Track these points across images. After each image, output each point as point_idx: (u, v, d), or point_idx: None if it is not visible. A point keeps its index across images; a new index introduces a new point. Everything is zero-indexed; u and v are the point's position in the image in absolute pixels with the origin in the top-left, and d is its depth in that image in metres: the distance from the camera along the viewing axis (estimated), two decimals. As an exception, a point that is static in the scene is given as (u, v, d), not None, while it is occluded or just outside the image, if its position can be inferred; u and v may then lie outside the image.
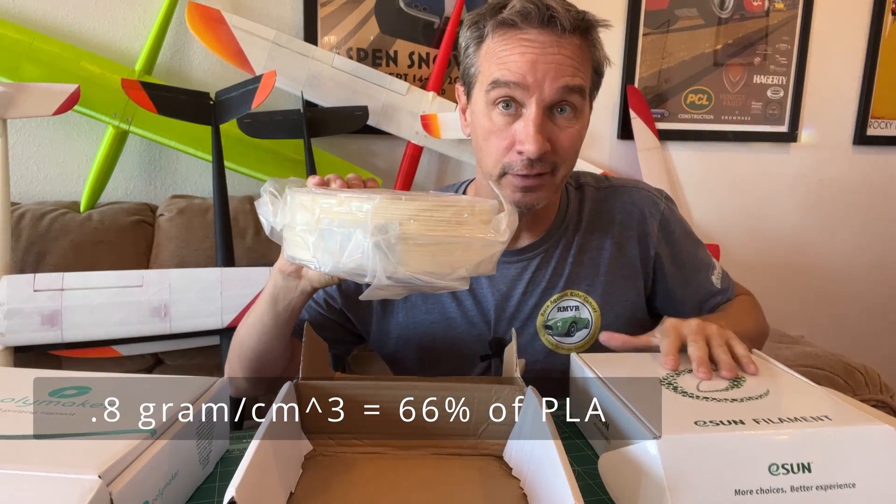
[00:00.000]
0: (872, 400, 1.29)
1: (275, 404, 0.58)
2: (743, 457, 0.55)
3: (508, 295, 0.93)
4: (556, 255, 0.93)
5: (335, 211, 0.57)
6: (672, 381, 0.67)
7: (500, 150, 0.82)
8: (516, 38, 0.79)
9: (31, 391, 0.60)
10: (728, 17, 1.98)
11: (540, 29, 0.78)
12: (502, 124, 0.82)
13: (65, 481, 0.45)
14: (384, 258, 0.55)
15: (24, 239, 1.45)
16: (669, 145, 2.02)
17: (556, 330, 0.93)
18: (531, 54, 0.78)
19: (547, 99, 0.79)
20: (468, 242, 0.58)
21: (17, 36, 1.52)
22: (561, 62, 0.79)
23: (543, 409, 0.58)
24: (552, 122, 0.81)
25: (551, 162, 0.82)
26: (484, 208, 0.60)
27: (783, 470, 0.55)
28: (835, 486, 0.55)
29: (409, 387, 0.65)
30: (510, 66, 0.79)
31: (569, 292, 0.93)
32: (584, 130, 0.85)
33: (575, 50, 0.80)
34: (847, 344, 2.21)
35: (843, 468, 0.55)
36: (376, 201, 0.56)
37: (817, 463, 0.55)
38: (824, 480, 0.55)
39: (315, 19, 1.73)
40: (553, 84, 0.79)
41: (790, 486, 0.55)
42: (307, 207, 0.59)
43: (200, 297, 1.39)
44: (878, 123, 2.13)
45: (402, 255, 0.56)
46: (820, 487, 0.55)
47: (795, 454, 0.55)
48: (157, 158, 1.72)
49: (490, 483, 0.60)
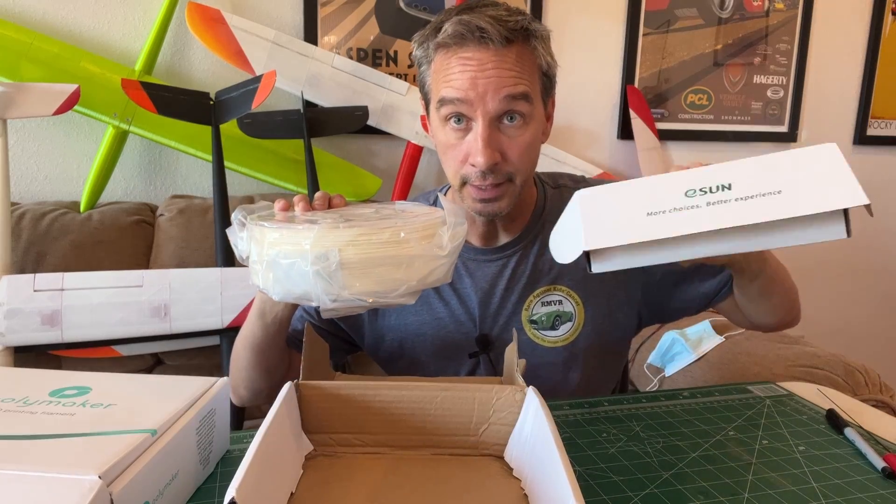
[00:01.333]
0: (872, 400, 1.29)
1: (275, 404, 0.58)
2: (659, 190, 0.59)
3: (491, 292, 0.95)
4: (534, 251, 0.95)
5: (280, 243, 0.61)
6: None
7: (456, 162, 0.86)
8: (456, 57, 0.82)
9: (31, 391, 0.60)
10: (728, 17, 1.98)
11: (476, 47, 0.81)
12: (455, 139, 0.85)
13: (65, 481, 0.45)
14: (326, 284, 0.60)
15: (24, 239, 1.45)
16: (669, 145, 2.02)
17: (541, 324, 0.95)
18: (471, 71, 0.81)
19: (492, 111, 0.82)
20: (409, 260, 0.61)
21: (17, 36, 1.52)
22: (500, 75, 0.81)
23: (544, 409, 0.58)
24: (501, 133, 0.84)
25: (505, 172, 0.85)
26: (428, 223, 0.63)
27: (700, 192, 0.57)
28: (756, 196, 0.55)
29: (409, 387, 0.65)
30: (453, 84, 0.82)
31: (552, 287, 0.95)
32: (537, 134, 0.87)
33: (514, 60, 0.82)
34: (847, 344, 2.21)
35: (768, 180, 0.55)
36: (315, 232, 0.60)
37: (739, 183, 0.56)
38: (745, 193, 0.55)
39: (315, 19, 1.73)
40: (495, 96, 0.81)
41: (706, 202, 0.56)
42: (258, 240, 0.63)
43: (200, 297, 1.39)
44: (878, 123, 2.13)
45: (345, 280, 0.60)
46: (739, 199, 0.55)
47: (715, 179, 0.57)
48: (157, 158, 1.72)
49: (491, 483, 0.60)
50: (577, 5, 1.89)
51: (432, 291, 0.96)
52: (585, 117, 1.96)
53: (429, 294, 0.96)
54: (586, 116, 1.96)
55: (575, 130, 1.95)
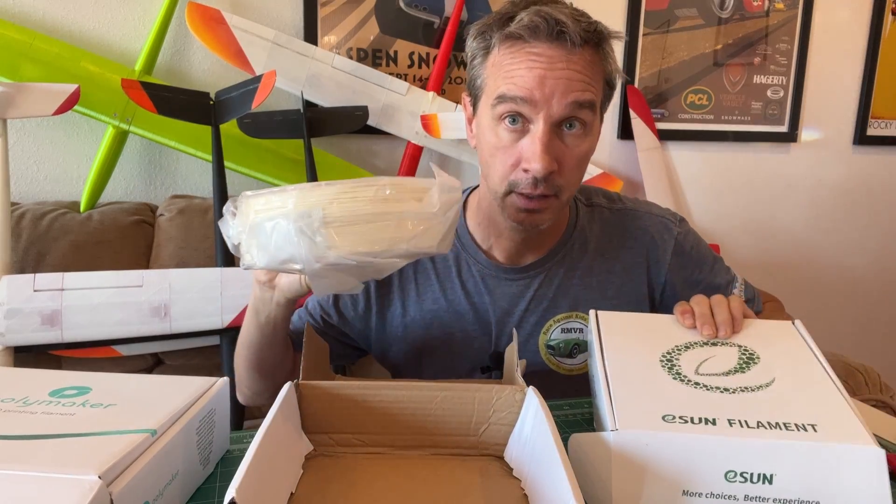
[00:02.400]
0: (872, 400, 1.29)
1: (275, 404, 0.58)
2: (699, 460, 0.54)
3: (510, 311, 0.91)
4: (560, 274, 0.91)
5: (263, 208, 0.59)
6: (673, 359, 0.66)
7: (506, 166, 0.80)
8: (524, 52, 0.76)
9: (30, 391, 0.60)
10: (728, 17, 1.98)
11: (549, 43, 0.75)
12: (508, 141, 0.79)
13: (65, 481, 0.45)
14: (310, 243, 0.56)
15: (24, 239, 1.45)
16: (669, 145, 2.02)
17: (558, 350, 0.92)
18: (539, 69, 0.75)
19: (555, 116, 0.76)
20: (399, 217, 0.58)
21: (17, 36, 1.52)
22: (570, 77, 0.75)
23: (544, 409, 0.58)
24: (560, 140, 0.78)
25: (556, 185, 0.79)
26: (416, 186, 0.60)
27: (741, 478, 0.54)
28: (795, 501, 0.54)
29: (410, 387, 0.65)
30: (517, 81, 0.76)
31: (574, 314, 0.91)
32: (593, 146, 0.82)
33: (585, 64, 0.77)
34: (847, 344, 2.21)
35: (810, 483, 0.54)
36: (297, 191, 0.57)
37: (781, 475, 0.54)
38: (785, 494, 0.54)
39: (315, 19, 1.73)
40: (562, 100, 0.76)
41: (745, 494, 0.54)
42: (244, 213, 0.61)
43: (200, 297, 1.39)
44: (878, 123, 2.13)
45: (330, 239, 0.57)
46: (777, 501, 0.54)
47: (758, 464, 0.54)
48: (157, 158, 1.71)
49: (491, 483, 0.60)
50: (576, 5, 1.89)
51: (446, 304, 0.91)
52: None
53: (442, 307, 0.92)
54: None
55: (575, 130, 1.95)
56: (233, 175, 1.63)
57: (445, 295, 0.92)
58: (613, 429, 0.56)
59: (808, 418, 0.57)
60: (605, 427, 0.57)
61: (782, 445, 0.54)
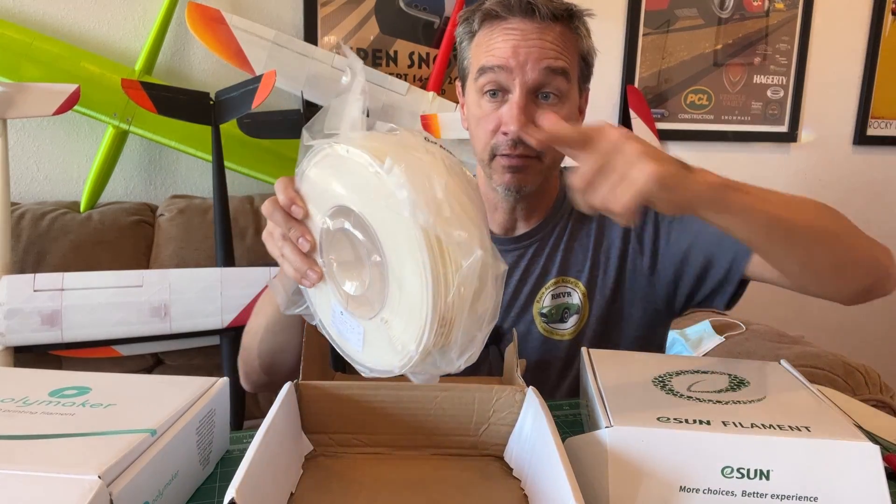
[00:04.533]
0: (872, 400, 1.29)
1: (275, 404, 0.58)
2: (695, 456, 0.55)
3: (506, 283, 0.92)
4: (550, 243, 0.95)
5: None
6: (665, 381, 0.67)
7: (487, 133, 0.87)
8: (500, 28, 0.84)
9: (30, 391, 0.60)
10: (728, 17, 1.98)
11: (522, 17, 0.83)
12: (490, 110, 0.86)
13: (65, 481, 0.45)
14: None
15: (24, 239, 1.45)
16: (669, 145, 2.02)
17: (551, 317, 0.94)
18: (513, 40, 0.83)
19: (530, 81, 0.83)
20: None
21: (17, 36, 1.52)
22: (542, 46, 0.83)
23: (544, 409, 0.58)
24: (536, 107, 0.85)
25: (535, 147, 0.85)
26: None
27: (738, 474, 0.54)
28: (793, 497, 0.54)
29: (409, 387, 0.64)
30: (494, 52, 0.84)
31: (562, 279, 0.95)
32: (571, 117, 0.87)
33: (557, 36, 0.84)
34: (847, 344, 2.21)
35: (806, 480, 0.54)
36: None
37: (778, 471, 0.54)
38: (782, 490, 0.54)
39: (315, 19, 1.73)
40: (535, 66, 0.82)
41: (742, 490, 0.54)
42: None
43: (200, 297, 1.39)
44: (878, 123, 2.13)
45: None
46: (775, 496, 0.54)
47: (754, 459, 0.54)
48: (157, 158, 1.71)
49: (490, 484, 0.60)
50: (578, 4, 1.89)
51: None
52: (585, 117, 1.96)
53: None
54: (586, 116, 1.96)
55: (575, 130, 1.95)
56: (233, 175, 1.63)
57: None
58: (608, 426, 0.56)
59: (801, 422, 0.57)
60: (600, 426, 0.58)
61: (778, 441, 0.54)
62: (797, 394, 0.65)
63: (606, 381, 0.66)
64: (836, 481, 0.54)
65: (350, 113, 0.56)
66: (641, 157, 0.55)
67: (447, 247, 0.49)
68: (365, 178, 0.52)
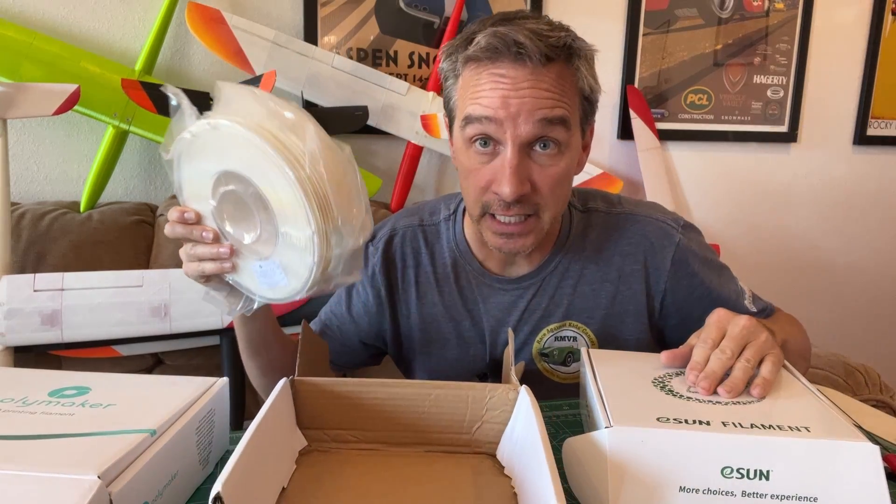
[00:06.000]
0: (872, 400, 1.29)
1: (269, 400, 0.59)
2: (695, 456, 0.55)
3: (503, 321, 0.90)
4: (552, 284, 0.89)
5: None
6: (665, 381, 0.67)
7: (478, 189, 0.79)
8: (488, 73, 0.74)
9: (30, 391, 0.60)
10: (728, 17, 1.98)
11: (512, 63, 0.73)
12: (480, 163, 0.78)
13: (65, 481, 0.45)
14: None
15: (24, 239, 1.45)
16: (669, 145, 2.02)
17: (553, 358, 0.91)
18: (503, 90, 0.73)
19: (523, 136, 0.74)
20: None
21: (17, 36, 1.52)
22: (537, 95, 0.73)
23: (535, 408, 0.58)
24: (532, 161, 0.76)
25: (533, 204, 0.78)
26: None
27: (737, 474, 0.54)
28: (793, 498, 0.54)
29: (403, 384, 0.65)
30: (482, 102, 0.74)
31: (567, 323, 0.90)
32: (572, 165, 0.80)
33: (553, 81, 0.74)
34: (847, 344, 2.20)
35: (806, 480, 0.54)
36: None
37: (778, 471, 0.54)
38: (782, 490, 0.54)
39: (315, 19, 1.73)
40: (529, 119, 0.73)
41: (742, 490, 0.54)
42: None
43: (200, 297, 1.39)
44: (878, 123, 2.13)
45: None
46: (775, 497, 0.54)
47: (754, 460, 0.54)
48: (157, 158, 1.71)
49: (482, 481, 0.60)
50: (577, 5, 1.89)
51: (443, 309, 0.92)
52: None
53: (440, 312, 0.92)
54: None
55: (575, 130, 1.95)
56: (233, 175, 1.63)
57: (443, 300, 0.92)
58: (608, 426, 0.56)
59: (801, 423, 0.57)
60: (600, 427, 0.58)
61: (778, 441, 0.54)
62: (797, 394, 0.65)
63: (606, 381, 0.66)
64: (835, 481, 0.54)
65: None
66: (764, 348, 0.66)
67: (285, 137, 0.60)
68: (210, 140, 0.63)
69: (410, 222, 0.94)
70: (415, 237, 0.93)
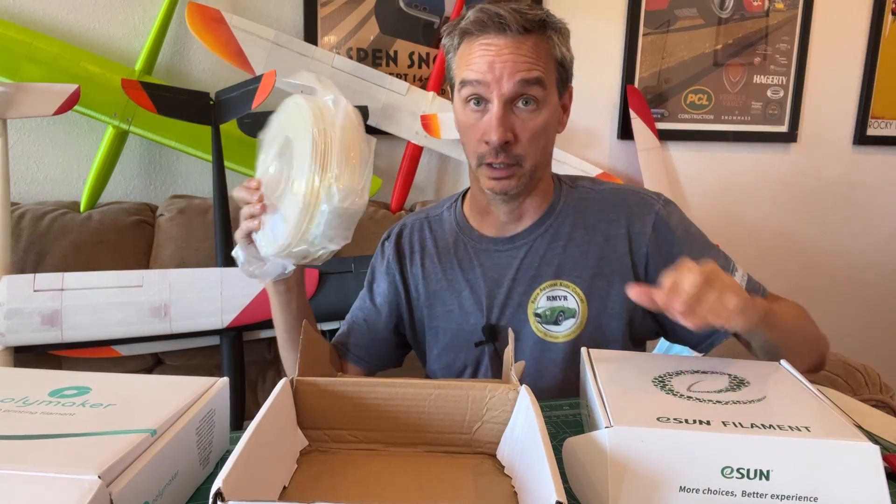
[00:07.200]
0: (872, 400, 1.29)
1: (269, 400, 0.59)
2: (695, 456, 0.55)
3: (499, 282, 0.98)
4: (544, 245, 0.98)
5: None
6: (665, 380, 0.67)
7: (474, 141, 0.92)
8: (478, 44, 0.90)
9: (30, 391, 0.60)
10: (728, 17, 1.98)
11: (496, 34, 0.88)
12: (474, 119, 0.92)
13: (65, 481, 0.45)
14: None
15: (24, 239, 1.45)
16: (669, 145, 2.02)
17: (545, 318, 0.96)
18: (489, 56, 0.88)
19: (507, 93, 0.88)
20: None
21: (17, 36, 1.52)
22: (516, 60, 0.88)
23: (535, 407, 0.58)
24: (515, 115, 0.90)
25: (515, 154, 0.90)
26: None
27: (737, 474, 0.54)
28: (793, 497, 0.54)
29: (404, 384, 0.65)
30: (473, 67, 0.89)
31: (558, 282, 0.96)
32: (550, 122, 0.92)
33: (530, 48, 0.89)
34: (847, 344, 2.20)
35: (806, 480, 0.54)
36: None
37: (778, 471, 0.54)
38: (782, 490, 0.54)
39: (315, 19, 1.73)
40: (510, 79, 0.88)
41: (742, 490, 0.54)
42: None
43: (200, 297, 1.39)
44: (878, 123, 2.13)
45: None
46: (775, 497, 0.54)
47: (754, 460, 0.54)
48: (157, 158, 1.72)
49: (482, 481, 0.60)
50: (577, 5, 1.89)
51: (446, 283, 1.01)
52: (585, 117, 1.96)
53: (443, 287, 1.01)
54: (586, 116, 1.96)
55: (575, 130, 1.95)
56: (233, 175, 1.63)
57: (445, 274, 1.01)
58: (608, 426, 0.56)
59: (801, 422, 0.57)
60: (600, 426, 0.58)
61: (778, 441, 0.54)
62: (797, 394, 0.65)
63: (606, 381, 0.66)
64: (835, 481, 0.54)
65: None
66: (732, 286, 0.73)
67: (325, 106, 0.77)
68: (289, 111, 0.84)
69: (418, 217, 1.08)
70: (421, 227, 1.06)
